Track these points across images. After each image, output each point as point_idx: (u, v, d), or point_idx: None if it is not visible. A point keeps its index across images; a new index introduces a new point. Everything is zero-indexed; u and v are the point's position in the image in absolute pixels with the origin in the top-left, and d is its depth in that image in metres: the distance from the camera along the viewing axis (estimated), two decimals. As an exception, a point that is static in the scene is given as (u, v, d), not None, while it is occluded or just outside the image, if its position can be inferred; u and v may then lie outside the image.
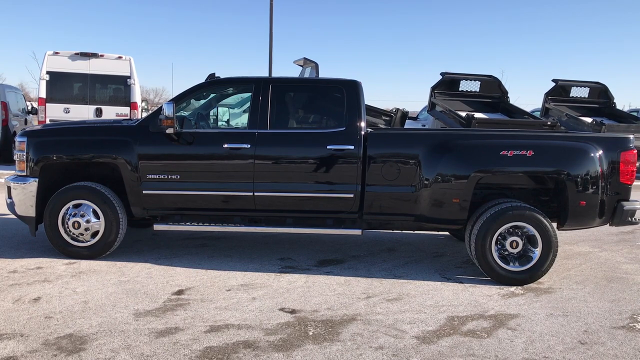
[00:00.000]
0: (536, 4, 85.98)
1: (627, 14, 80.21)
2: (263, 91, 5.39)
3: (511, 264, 5.01)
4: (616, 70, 76.62)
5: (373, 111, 10.23)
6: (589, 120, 13.09)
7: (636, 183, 5.51)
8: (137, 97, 13.24)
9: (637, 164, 5.45)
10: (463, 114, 12.12)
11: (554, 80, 14.01)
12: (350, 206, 5.26)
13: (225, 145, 5.25)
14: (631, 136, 5.25)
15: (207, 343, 3.54)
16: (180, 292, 4.52)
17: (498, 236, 4.98)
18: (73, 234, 5.32)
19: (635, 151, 5.16)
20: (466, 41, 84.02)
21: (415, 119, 16.17)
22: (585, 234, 7.10)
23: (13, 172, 5.67)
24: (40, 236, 5.63)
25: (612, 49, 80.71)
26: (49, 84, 12.63)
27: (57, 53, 12.78)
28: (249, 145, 5.22)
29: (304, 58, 10.30)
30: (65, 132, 5.66)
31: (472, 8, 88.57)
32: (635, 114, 15.88)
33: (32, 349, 3.38)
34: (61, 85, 12.82)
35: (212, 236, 6.52)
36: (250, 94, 5.53)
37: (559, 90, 14.01)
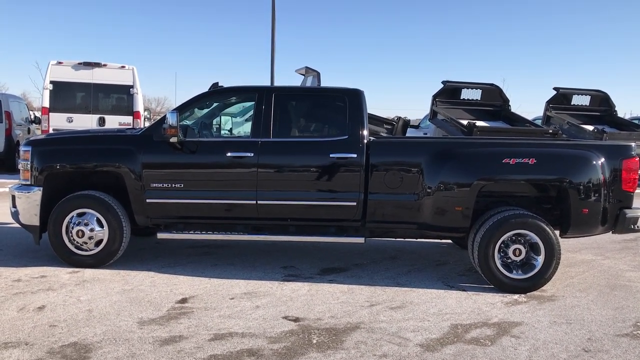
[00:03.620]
0: (538, 13, 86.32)
1: (628, 21, 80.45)
2: (266, 100, 5.42)
3: (514, 271, 5.01)
4: (617, 78, 76.65)
5: (375, 120, 10.26)
6: (590, 128, 13.09)
7: (638, 191, 5.52)
8: (139, 106, 13.32)
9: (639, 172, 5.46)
10: (465, 122, 12.13)
11: (555, 89, 14.04)
12: (353, 214, 5.27)
13: (229, 154, 5.27)
14: (633, 144, 5.27)
15: (211, 351, 3.55)
16: (184, 301, 4.53)
17: (501, 244, 4.98)
18: (77, 242, 5.34)
19: (637, 159, 5.17)
20: (467, 50, 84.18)
21: (417, 127, 16.19)
22: (588, 241, 7.09)
23: (17, 181, 5.70)
24: (44, 245, 5.63)
25: (613, 57, 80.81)
26: (52, 93, 12.70)
27: (60, 63, 12.87)
28: (252, 154, 5.25)
29: (306, 67, 10.35)
30: (69, 141, 5.70)
31: (473, 17, 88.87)
32: (636, 121, 15.89)
33: (37, 357, 3.39)
34: (64, 95, 12.90)
35: (216, 244, 6.53)
36: (253, 103, 5.56)
37: (560, 98, 14.02)
